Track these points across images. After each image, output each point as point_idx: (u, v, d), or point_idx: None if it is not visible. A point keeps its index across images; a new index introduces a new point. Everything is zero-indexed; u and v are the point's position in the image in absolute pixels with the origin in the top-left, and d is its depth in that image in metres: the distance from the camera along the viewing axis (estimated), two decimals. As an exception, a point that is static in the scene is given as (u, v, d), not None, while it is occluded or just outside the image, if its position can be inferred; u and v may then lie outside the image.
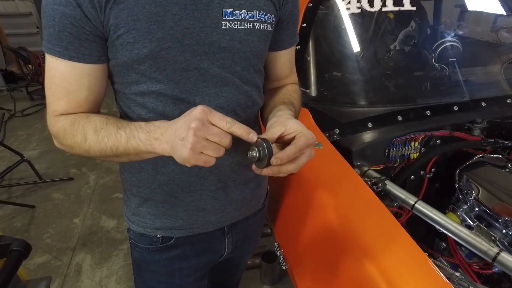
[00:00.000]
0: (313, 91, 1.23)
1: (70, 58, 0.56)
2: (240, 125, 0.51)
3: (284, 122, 0.57)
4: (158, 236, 0.75)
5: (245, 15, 0.61)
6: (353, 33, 1.29)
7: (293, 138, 0.55)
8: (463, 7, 1.59)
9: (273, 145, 0.56)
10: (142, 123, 0.56)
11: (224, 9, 0.59)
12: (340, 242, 0.74)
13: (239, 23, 0.61)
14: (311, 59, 1.27)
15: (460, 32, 1.42)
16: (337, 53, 1.35)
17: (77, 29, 0.54)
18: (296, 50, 1.23)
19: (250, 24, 0.62)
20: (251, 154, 0.53)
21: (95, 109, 0.64)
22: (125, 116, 0.66)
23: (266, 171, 0.53)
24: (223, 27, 0.59)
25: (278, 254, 1.01)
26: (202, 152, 0.50)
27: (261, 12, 0.63)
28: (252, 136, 0.51)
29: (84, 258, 1.91)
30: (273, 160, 0.51)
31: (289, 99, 0.73)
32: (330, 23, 1.33)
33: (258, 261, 1.71)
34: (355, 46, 1.29)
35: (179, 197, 0.71)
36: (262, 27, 0.64)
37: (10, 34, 4.88)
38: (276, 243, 1.03)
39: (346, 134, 1.03)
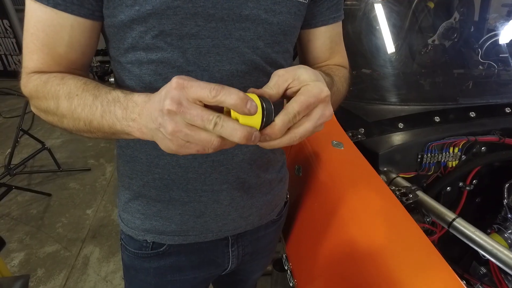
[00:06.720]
0: (336, 86, 1.11)
1: (55, 6, 0.46)
2: (230, 91, 0.34)
3: (294, 71, 0.41)
4: (149, 241, 0.65)
5: None
6: (385, 24, 1.15)
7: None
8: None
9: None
10: (121, 94, 0.43)
11: None
12: (361, 263, 0.61)
13: None
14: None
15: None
16: (365, 45, 1.21)
17: None
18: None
19: None
20: None
21: (77, 71, 0.53)
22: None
23: (259, 143, 0.39)
24: None
25: (286, 268, 0.90)
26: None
27: None
28: (250, 108, 0.34)
29: (92, 251, 1.88)
30: (261, 137, 0.37)
31: (327, 72, 0.57)
32: (360, 11, 1.20)
33: (270, 268, 1.60)
34: (387, 39, 1.15)
35: (174, 196, 0.60)
36: None
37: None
38: (284, 255, 0.91)
39: (372, 134, 0.90)
